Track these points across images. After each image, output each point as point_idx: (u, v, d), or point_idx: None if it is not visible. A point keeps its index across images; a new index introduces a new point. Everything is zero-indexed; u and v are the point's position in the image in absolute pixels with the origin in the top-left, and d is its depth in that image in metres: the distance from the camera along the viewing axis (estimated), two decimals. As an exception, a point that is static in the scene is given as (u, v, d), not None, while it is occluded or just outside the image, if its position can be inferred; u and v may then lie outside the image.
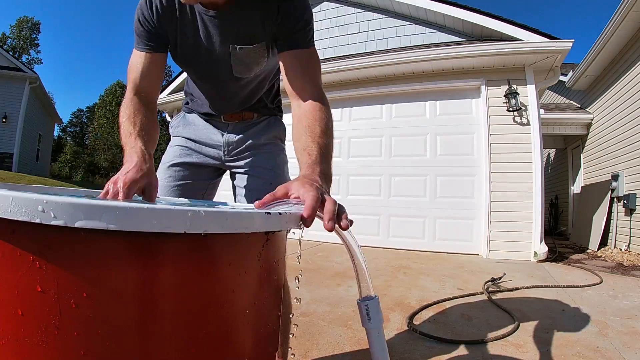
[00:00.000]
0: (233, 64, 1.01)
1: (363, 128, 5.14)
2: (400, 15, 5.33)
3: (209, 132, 1.20)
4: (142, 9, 0.95)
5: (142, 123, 0.89)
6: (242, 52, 0.98)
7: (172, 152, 1.21)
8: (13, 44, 29.88)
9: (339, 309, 2.14)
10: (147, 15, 0.95)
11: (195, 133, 1.21)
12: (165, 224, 0.36)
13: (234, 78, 1.06)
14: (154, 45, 0.98)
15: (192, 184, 1.18)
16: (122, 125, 0.88)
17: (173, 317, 0.41)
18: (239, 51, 0.98)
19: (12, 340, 0.36)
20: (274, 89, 1.24)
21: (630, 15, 4.70)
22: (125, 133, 0.86)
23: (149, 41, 0.97)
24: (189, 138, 1.22)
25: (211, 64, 1.03)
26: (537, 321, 1.98)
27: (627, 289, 2.82)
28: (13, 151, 12.32)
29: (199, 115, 1.24)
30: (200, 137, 1.21)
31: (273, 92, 1.24)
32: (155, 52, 0.98)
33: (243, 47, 0.98)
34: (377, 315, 0.54)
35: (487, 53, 4.33)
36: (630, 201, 4.89)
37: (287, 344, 1.12)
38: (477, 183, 4.48)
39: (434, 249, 4.54)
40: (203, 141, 1.21)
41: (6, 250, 0.36)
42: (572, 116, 6.98)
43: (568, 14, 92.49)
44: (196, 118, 1.24)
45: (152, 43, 0.98)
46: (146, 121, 0.91)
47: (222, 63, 1.02)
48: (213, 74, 1.06)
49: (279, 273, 0.58)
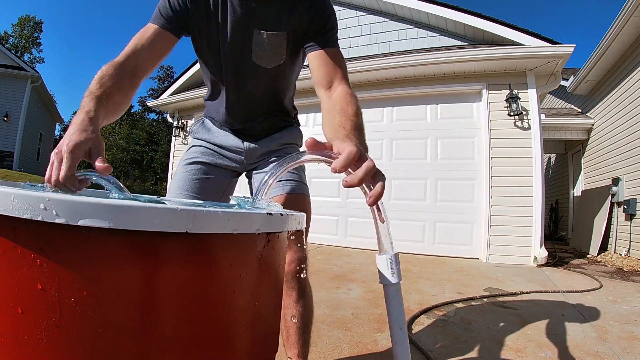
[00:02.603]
0: (253, 48, 1.04)
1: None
2: (402, 19, 5.34)
3: (228, 138, 1.22)
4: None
5: (110, 89, 0.80)
6: (264, 36, 1.02)
7: (194, 151, 1.23)
8: (15, 43, 29.95)
9: (339, 311, 2.13)
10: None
11: (217, 139, 1.23)
12: (167, 224, 0.36)
13: (253, 65, 1.07)
14: (171, 26, 0.97)
15: (215, 179, 1.20)
16: (90, 83, 0.80)
17: (174, 317, 0.40)
18: (261, 35, 1.02)
19: (12, 339, 0.36)
20: (289, 96, 1.26)
21: (631, 21, 4.72)
22: (86, 91, 0.78)
23: (169, 20, 0.96)
24: (212, 142, 1.24)
25: (233, 47, 1.04)
26: (537, 326, 1.97)
27: (626, 294, 2.82)
28: (14, 150, 12.33)
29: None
30: (222, 142, 1.23)
31: (290, 102, 1.27)
32: (170, 32, 0.97)
33: (265, 31, 1.01)
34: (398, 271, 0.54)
35: (489, 57, 4.34)
36: (630, 206, 4.89)
37: (307, 345, 1.12)
38: (478, 187, 4.48)
39: (434, 252, 4.53)
40: (225, 146, 1.22)
41: (7, 247, 0.36)
42: (573, 121, 6.98)
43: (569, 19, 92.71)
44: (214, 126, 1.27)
45: (171, 24, 0.97)
46: (116, 90, 0.82)
47: (244, 48, 1.04)
48: (233, 57, 1.06)
49: (280, 274, 0.58)
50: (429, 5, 4.92)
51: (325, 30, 1.01)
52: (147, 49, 0.93)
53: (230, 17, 0.99)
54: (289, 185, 1.13)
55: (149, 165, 32.50)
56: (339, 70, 0.97)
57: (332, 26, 1.03)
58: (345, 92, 0.91)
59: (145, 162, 32.39)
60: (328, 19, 1.02)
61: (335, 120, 0.81)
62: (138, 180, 30.67)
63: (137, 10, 68.84)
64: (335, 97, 0.91)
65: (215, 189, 1.19)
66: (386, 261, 0.52)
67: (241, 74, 1.09)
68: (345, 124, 0.78)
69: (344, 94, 0.91)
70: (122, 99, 0.85)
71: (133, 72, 0.90)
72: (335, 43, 1.03)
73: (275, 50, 1.04)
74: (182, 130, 6.88)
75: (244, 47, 1.04)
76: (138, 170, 32.88)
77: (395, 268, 0.52)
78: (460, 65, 4.54)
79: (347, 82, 0.97)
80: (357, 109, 0.86)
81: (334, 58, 0.99)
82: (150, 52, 0.94)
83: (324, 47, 0.99)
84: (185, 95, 6.35)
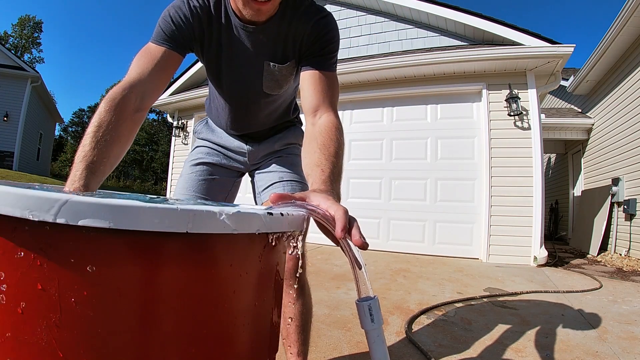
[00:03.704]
0: (264, 80, 1.03)
1: (364, 131, 5.15)
2: (402, 19, 5.34)
3: (232, 140, 1.24)
4: (180, 7, 0.91)
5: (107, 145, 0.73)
6: (275, 69, 1.01)
7: (199, 151, 1.25)
8: (15, 43, 29.95)
9: (338, 311, 2.13)
10: (183, 14, 0.91)
11: (221, 139, 1.25)
12: (167, 224, 0.36)
13: (263, 94, 1.08)
14: (177, 46, 0.92)
15: (220, 180, 1.22)
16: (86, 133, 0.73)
17: (174, 317, 0.40)
18: (272, 68, 1.01)
19: (12, 339, 0.36)
20: (292, 104, 1.28)
21: (631, 21, 4.72)
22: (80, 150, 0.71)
23: (175, 39, 0.91)
24: (216, 143, 1.26)
25: (243, 76, 1.04)
26: (537, 326, 1.97)
27: (626, 294, 2.81)
28: (14, 150, 12.33)
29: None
30: (226, 143, 1.24)
31: (292, 108, 1.28)
32: (176, 52, 0.92)
33: (277, 64, 1.00)
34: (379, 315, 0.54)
35: (489, 57, 4.34)
36: (630, 206, 4.89)
37: (307, 344, 1.14)
38: (478, 187, 4.48)
39: (434, 252, 4.53)
40: (229, 147, 1.24)
41: (7, 247, 0.36)
42: (573, 121, 6.98)
43: (569, 19, 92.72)
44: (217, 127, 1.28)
45: (177, 43, 0.92)
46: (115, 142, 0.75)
47: (254, 77, 1.03)
48: (243, 87, 1.07)
49: (280, 274, 0.58)
50: (429, 5, 4.91)
51: (323, 52, 0.97)
52: (154, 73, 0.87)
53: (239, 46, 0.97)
54: (290, 185, 1.15)
55: (149, 165, 32.51)
56: (327, 97, 0.92)
57: (332, 50, 0.98)
58: (330, 124, 0.86)
59: (145, 162, 32.40)
60: (329, 41, 0.97)
61: (315, 157, 0.77)
62: (138, 180, 30.66)
63: (138, 10, 68.76)
64: (319, 128, 0.86)
65: (220, 189, 1.21)
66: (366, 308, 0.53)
67: (248, 100, 1.10)
68: (324, 167, 0.74)
69: (329, 126, 0.85)
70: (121, 148, 0.79)
71: (138, 107, 0.83)
72: (332, 67, 0.98)
73: (286, 78, 1.04)
74: (182, 130, 6.87)
75: (254, 77, 1.03)
76: (138, 170, 32.89)
77: (375, 314, 0.53)
78: (460, 65, 4.54)
79: (334, 111, 0.91)
80: (339, 147, 0.82)
81: (326, 82, 0.94)
82: (158, 76, 0.88)
83: (319, 69, 0.94)
84: (185, 95, 6.35)
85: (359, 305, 0.54)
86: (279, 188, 1.14)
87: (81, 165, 0.69)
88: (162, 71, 0.89)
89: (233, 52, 0.98)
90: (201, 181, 1.17)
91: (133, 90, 0.82)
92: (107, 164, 0.74)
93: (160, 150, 31.39)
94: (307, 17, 0.95)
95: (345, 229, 0.53)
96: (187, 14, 0.91)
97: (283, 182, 1.16)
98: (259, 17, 0.89)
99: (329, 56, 0.97)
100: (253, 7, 0.85)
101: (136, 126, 0.85)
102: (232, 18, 0.94)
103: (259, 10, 0.86)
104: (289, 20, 0.95)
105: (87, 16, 70.97)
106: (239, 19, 0.93)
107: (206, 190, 1.16)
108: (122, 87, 0.81)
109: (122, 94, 0.80)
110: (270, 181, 1.18)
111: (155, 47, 0.89)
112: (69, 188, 0.67)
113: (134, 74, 0.85)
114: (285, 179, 1.16)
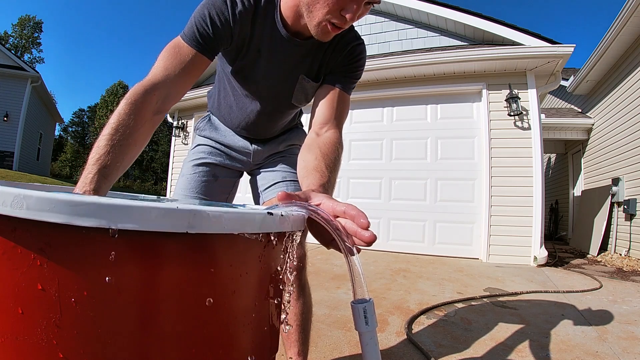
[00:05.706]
0: (296, 92, 1.04)
1: (364, 131, 5.15)
2: (402, 19, 5.34)
3: (237, 139, 1.23)
4: (222, 10, 0.85)
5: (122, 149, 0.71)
6: (308, 84, 1.02)
7: (201, 150, 1.23)
8: (15, 43, 29.96)
9: (339, 311, 2.13)
10: (225, 19, 0.86)
11: (225, 138, 1.23)
12: (167, 224, 0.36)
13: (290, 105, 1.09)
14: (207, 49, 0.87)
15: (222, 180, 1.21)
16: (101, 136, 0.71)
17: (174, 317, 0.40)
18: (305, 82, 1.01)
19: (12, 339, 0.36)
20: (300, 115, 1.32)
21: (631, 21, 4.72)
22: (94, 150, 0.69)
23: (207, 43, 0.86)
24: (219, 142, 1.24)
25: (276, 86, 1.03)
26: (537, 326, 1.97)
27: (626, 294, 2.82)
28: (14, 150, 12.33)
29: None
30: (230, 143, 1.23)
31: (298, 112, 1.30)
32: (207, 57, 0.87)
33: (310, 80, 1.01)
34: (373, 318, 0.54)
35: (489, 57, 4.34)
36: (630, 206, 4.89)
37: (307, 344, 1.14)
38: (478, 187, 4.48)
39: (434, 252, 4.54)
40: (233, 147, 1.23)
41: (7, 247, 0.36)
42: (573, 121, 6.99)
43: (569, 19, 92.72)
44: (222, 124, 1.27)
45: (208, 46, 0.87)
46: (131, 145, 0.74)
47: (287, 89, 1.04)
48: (273, 96, 1.06)
49: (280, 275, 0.58)
50: (429, 5, 4.92)
51: (349, 75, 1.00)
52: (181, 75, 0.83)
53: (279, 56, 0.96)
54: (293, 185, 1.15)
55: (149, 165, 32.53)
56: (338, 116, 0.95)
57: (357, 76, 1.01)
58: (335, 139, 0.89)
59: (145, 162, 32.41)
60: (358, 67, 1.01)
61: (315, 163, 0.79)
62: (138, 180, 30.67)
63: (138, 9, 68.72)
64: (323, 139, 0.88)
65: (221, 190, 1.21)
66: (361, 311, 0.53)
67: (273, 108, 1.11)
68: (324, 173, 0.76)
69: (334, 140, 0.88)
70: (136, 152, 0.77)
71: (158, 109, 0.80)
72: (351, 90, 1.01)
73: (313, 93, 1.05)
74: (182, 130, 6.87)
75: (287, 89, 1.04)
76: (138, 170, 32.91)
77: (369, 317, 0.53)
78: (460, 65, 4.54)
79: (340, 130, 0.94)
80: (337, 161, 0.84)
81: (342, 103, 0.97)
82: (184, 79, 0.85)
83: (340, 88, 0.97)
84: (186, 95, 6.35)
85: (354, 307, 0.54)
86: (282, 187, 1.14)
87: (94, 168, 0.68)
88: (189, 75, 0.85)
89: (272, 61, 0.96)
90: (203, 182, 1.16)
91: (156, 91, 0.79)
92: (120, 167, 0.72)
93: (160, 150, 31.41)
94: (347, 40, 0.97)
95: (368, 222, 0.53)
96: (229, 19, 0.86)
97: (286, 181, 1.16)
98: (325, 38, 0.85)
99: (352, 80, 1.01)
100: (327, 30, 0.82)
101: (153, 128, 0.83)
102: (278, 27, 0.90)
103: (329, 33, 0.83)
104: (331, 41, 0.94)
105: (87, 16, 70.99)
106: (286, 30, 0.91)
107: (208, 191, 1.16)
108: (145, 87, 0.78)
109: (144, 94, 0.77)
110: (273, 180, 1.18)
111: (186, 48, 0.84)
112: (80, 191, 0.66)
113: (159, 74, 0.81)
114: (289, 179, 1.17)
